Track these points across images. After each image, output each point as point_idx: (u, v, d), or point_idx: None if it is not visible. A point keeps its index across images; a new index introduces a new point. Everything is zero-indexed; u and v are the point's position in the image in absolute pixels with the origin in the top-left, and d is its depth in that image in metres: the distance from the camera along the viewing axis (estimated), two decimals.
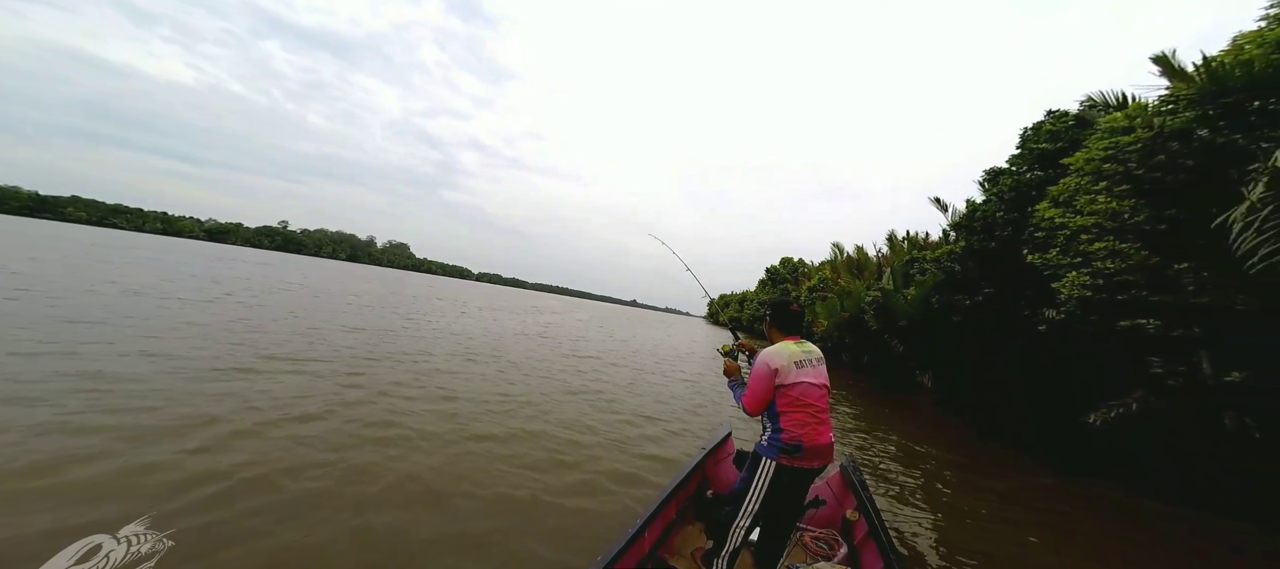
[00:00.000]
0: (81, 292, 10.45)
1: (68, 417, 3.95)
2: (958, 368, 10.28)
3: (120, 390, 4.75)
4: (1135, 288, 5.40)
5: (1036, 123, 9.77)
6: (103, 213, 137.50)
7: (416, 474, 3.89)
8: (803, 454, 2.23)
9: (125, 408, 4.32)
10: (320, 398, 5.52)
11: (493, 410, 6.24)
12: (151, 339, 7.07)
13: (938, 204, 13.17)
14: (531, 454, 4.79)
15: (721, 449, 3.90)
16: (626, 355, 15.35)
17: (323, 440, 4.29)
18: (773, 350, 2.38)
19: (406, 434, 4.78)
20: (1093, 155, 6.52)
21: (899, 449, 7.46)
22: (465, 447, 4.71)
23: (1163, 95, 6.21)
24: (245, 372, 6.15)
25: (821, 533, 3.28)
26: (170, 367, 5.86)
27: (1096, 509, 5.71)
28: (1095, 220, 5.95)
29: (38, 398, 4.25)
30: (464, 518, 3.36)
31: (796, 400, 2.26)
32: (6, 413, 3.86)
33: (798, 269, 39.99)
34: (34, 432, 3.63)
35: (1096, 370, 6.70)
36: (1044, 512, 5.34)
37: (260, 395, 5.25)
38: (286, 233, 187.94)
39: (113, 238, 53.81)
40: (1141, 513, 5.63)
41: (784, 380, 2.27)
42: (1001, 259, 8.39)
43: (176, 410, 4.45)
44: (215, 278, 18.75)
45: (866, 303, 14.78)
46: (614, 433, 6.08)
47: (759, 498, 2.29)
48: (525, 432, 5.50)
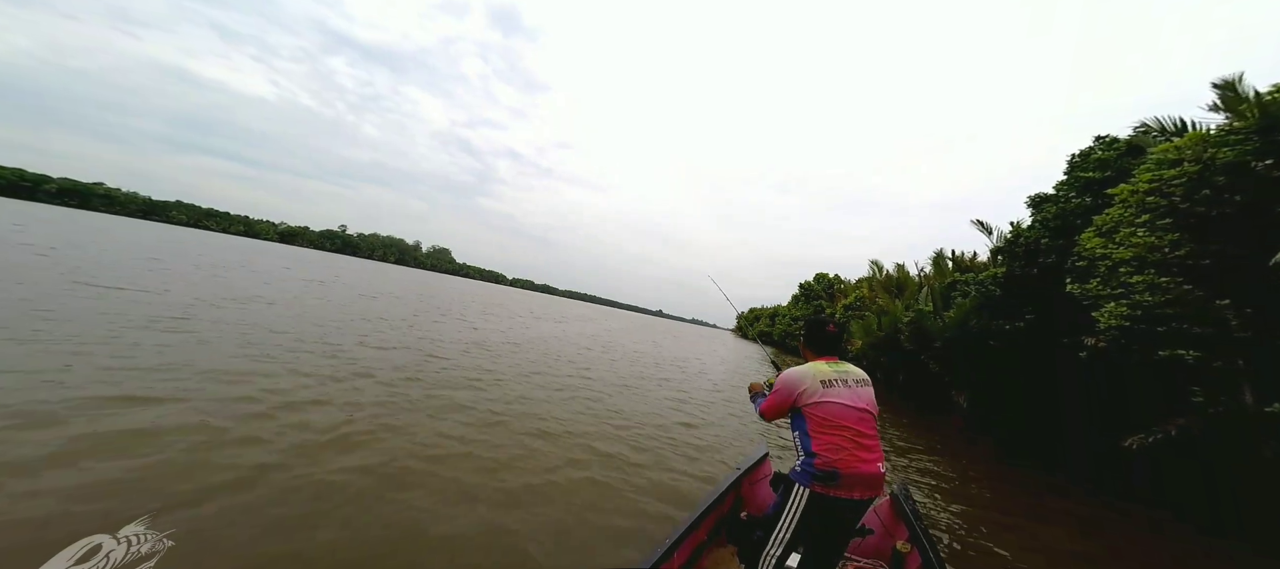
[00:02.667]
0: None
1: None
2: (994, 390, 10.26)
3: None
4: (1175, 320, 5.52)
5: (1085, 149, 9.77)
6: (198, 216, 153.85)
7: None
8: (839, 482, 2.06)
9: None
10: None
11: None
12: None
13: (980, 227, 13.10)
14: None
15: (758, 470, 3.75)
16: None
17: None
18: (798, 368, 2.30)
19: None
20: (1137, 187, 6.63)
21: (933, 466, 7.66)
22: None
23: (1221, 126, 6.27)
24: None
25: (868, 564, 3.07)
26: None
27: (1127, 533, 5.78)
28: (1135, 252, 6.08)
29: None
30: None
31: (826, 422, 2.12)
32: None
33: (833, 285, 39.42)
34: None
35: (1135, 398, 6.74)
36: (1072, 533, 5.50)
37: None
38: (345, 236, 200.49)
39: (231, 243, 58.48)
40: (1180, 540, 5.67)
41: (808, 400, 2.16)
42: (1043, 285, 8.46)
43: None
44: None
45: (904, 323, 14.76)
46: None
47: (791, 527, 2.17)
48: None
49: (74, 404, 3.95)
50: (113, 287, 9.80)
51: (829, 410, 2.13)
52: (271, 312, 10.48)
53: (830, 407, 2.14)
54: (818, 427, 2.13)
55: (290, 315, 10.46)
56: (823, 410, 2.14)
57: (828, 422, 2.12)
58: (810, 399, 2.16)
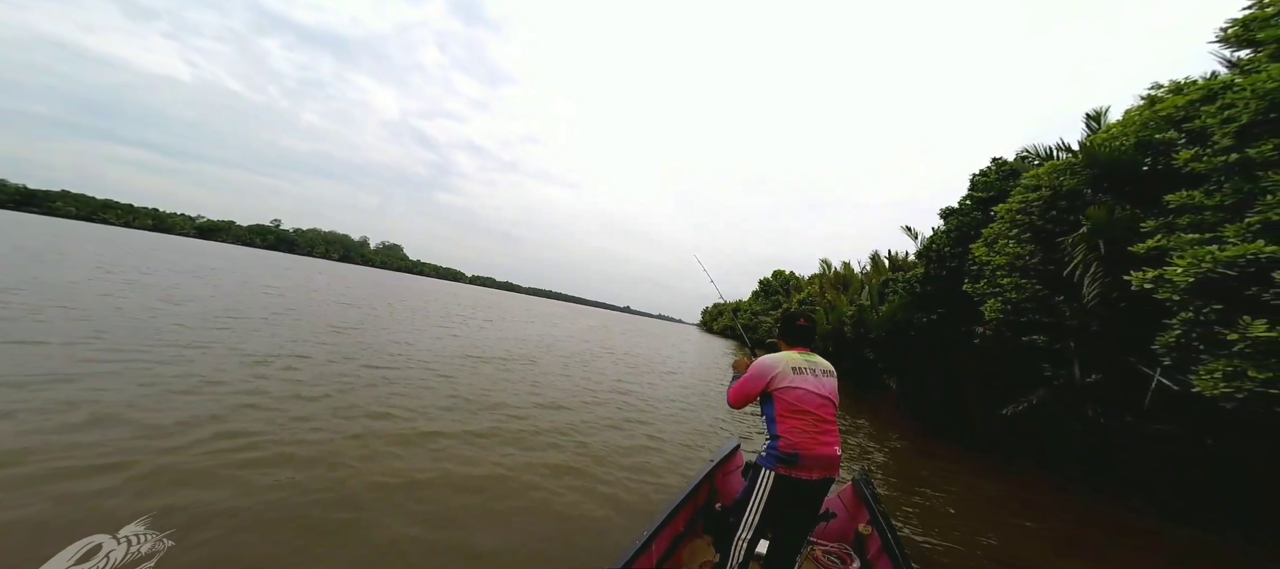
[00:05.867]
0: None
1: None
2: (917, 373, 12.06)
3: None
4: (1031, 313, 7.18)
5: (984, 169, 11.66)
6: (92, 208, 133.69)
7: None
8: (800, 464, 2.22)
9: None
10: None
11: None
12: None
13: (908, 233, 15.03)
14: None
15: (730, 461, 3.90)
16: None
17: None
18: (771, 355, 2.43)
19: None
20: (1012, 207, 8.33)
21: (872, 437, 9.18)
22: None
23: (1065, 159, 8.04)
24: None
25: (833, 547, 3.23)
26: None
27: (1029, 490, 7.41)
28: (1006, 260, 7.74)
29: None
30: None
31: (793, 406, 2.26)
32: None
33: (789, 282, 41.96)
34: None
35: (1014, 376, 8.48)
36: (960, 490, 7.04)
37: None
38: (279, 231, 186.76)
39: (135, 239, 53.72)
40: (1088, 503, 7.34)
41: (779, 384, 2.30)
42: (949, 285, 10.20)
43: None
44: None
45: (847, 317, 16.59)
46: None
47: (759, 509, 2.29)
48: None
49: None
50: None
51: (796, 395, 2.28)
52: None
53: (798, 392, 2.28)
54: (785, 410, 2.28)
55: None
56: (791, 395, 2.28)
57: (794, 406, 2.27)
58: (780, 384, 2.30)
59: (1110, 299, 6.03)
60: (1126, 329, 5.94)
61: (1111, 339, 6.13)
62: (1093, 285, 5.76)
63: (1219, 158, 4.87)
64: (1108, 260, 6.12)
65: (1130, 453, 6.60)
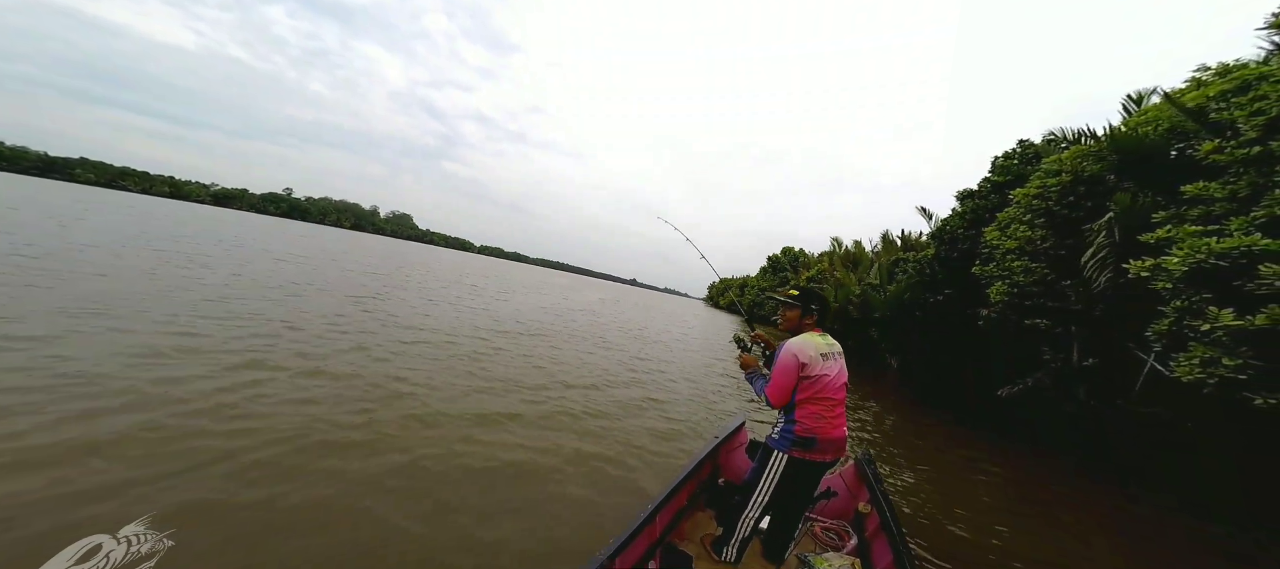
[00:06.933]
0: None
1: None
2: (919, 354, 12.29)
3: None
4: (1037, 296, 7.31)
5: (1007, 151, 11.51)
6: (111, 175, 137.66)
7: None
8: (816, 447, 2.21)
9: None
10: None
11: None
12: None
13: (923, 213, 14.98)
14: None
15: (734, 438, 3.95)
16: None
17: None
18: (800, 341, 2.32)
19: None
20: (1030, 191, 8.32)
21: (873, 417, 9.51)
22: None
23: (1090, 145, 7.96)
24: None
25: (832, 524, 3.29)
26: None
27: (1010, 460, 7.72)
28: (1017, 244, 7.82)
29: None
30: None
31: (816, 394, 2.23)
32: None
33: (798, 259, 41.83)
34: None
35: (1013, 357, 8.68)
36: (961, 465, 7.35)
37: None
38: (291, 200, 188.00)
39: (154, 205, 53.66)
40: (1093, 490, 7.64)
41: (810, 372, 2.23)
42: (959, 267, 10.28)
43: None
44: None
45: (855, 296, 16.73)
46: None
47: (769, 491, 2.30)
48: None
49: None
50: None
51: (821, 384, 2.24)
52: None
53: (825, 379, 2.25)
54: (808, 397, 2.23)
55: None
56: (819, 384, 2.24)
57: (819, 394, 2.24)
58: (812, 372, 2.24)
59: (1119, 284, 6.14)
60: (1126, 315, 6.09)
61: (1117, 324, 6.28)
62: (1104, 271, 5.87)
63: (1242, 150, 4.88)
64: (1120, 247, 6.20)
65: (1123, 437, 6.85)
